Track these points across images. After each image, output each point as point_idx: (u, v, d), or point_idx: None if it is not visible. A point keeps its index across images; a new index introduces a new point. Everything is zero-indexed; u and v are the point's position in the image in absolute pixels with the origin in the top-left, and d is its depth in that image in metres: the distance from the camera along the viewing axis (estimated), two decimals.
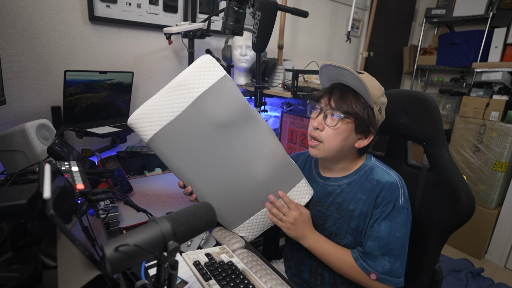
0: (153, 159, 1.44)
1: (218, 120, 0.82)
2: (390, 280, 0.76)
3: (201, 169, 0.84)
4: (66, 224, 0.45)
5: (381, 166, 0.87)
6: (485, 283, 2.01)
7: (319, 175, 0.95)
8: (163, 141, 0.80)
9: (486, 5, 2.56)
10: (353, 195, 0.85)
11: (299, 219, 0.86)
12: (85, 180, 0.74)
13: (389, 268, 0.76)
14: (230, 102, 0.84)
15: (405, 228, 0.79)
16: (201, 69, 0.81)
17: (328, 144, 0.82)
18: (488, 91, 2.30)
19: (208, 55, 0.84)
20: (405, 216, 0.79)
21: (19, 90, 1.27)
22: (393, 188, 0.80)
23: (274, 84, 1.71)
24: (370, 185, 0.83)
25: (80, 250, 0.41)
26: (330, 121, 0.82)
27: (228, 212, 0.89)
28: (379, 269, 0.77)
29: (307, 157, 1.03)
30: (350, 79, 0.81)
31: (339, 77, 0.84)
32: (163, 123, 0.79)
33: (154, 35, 1.57)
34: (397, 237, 0.77)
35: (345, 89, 0.83)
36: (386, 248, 0.77)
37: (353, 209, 0.84)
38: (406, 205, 0.80)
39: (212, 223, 0.50)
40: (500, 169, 2.19)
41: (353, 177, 0.88)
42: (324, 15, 2.35)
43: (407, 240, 0.80)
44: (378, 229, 0.78)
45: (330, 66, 0.82)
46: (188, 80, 0.80)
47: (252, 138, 0.87)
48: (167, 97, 0.80)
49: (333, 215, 0.88)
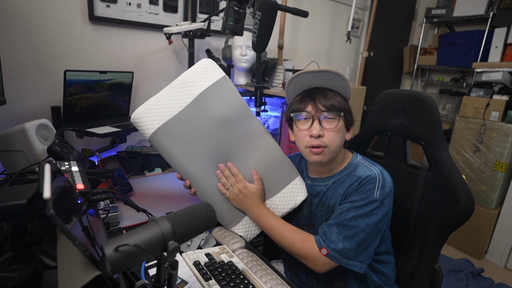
0: (153, 159, 1.44)
1: (219, 116, 0.87)
2: (338, 259, 0.77)
3: (201, 163, 0.87)
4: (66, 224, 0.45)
5: (364, 163, 0.88)
6: (485, 283, 2.01)
7: (308, 176, 0.98)
8: (165, 135, 0.84)
9: (486, 5, 2.56)
10: (334, 191, 0.88)
11: (243, 192, 0.89)
12: (85, 180, 0.74)
13: (341, 247, 0.76)
14: (230, 100, 0.89)
15: (373, 218, 0.78)
16: (203, 69, 0.88)
17: (333, 145, 0.83)
18: (488, 91, 2.30)
19: (208, 58, 0.91)
20: (374, 207, 0.78)
21: (19, 90, 1.27)
22: (370, 181, 0.81)
23: (274, 84, 1.71)
24: (351, 181, 0.85)
25: (80, 250, 0.41)
26: (328, 124, 0.83)
27: (226, 208, 0.91)
28: (331, 245, 0.77)
29: (300, 159, 1.04)
30: (328, 80, 0.84)
31: (313, 82, 0.86)
32: (166, 118, 0.84)
33: (154, 35, 1.57)
34: (358, 222, 0.77)
35: (324, 90, 0.85)
36: (345, 229, 0.78)
37: (333, 205, 0.87)
38: (381, 198, 0.79)
39: (212, 223, 0.50)
40: (500, 169, 2.19)
41: (338, 176, 0.89)
42: (324, 15, 2.35)
43: (372, 231, 0.78)
44: (346, 214, 0.79)
45: (305, 73, 0.84)
46: (191, 78, 0.87)
47: (249, 135, 0.91)
48: (170, 94, 0.85)
49: (319, 214, 0.91)
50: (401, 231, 0.97)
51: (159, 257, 0.42)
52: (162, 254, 0.42)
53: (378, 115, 1.03)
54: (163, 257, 0.42)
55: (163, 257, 0.42)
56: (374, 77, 2.81)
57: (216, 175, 0.89)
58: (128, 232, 0.43)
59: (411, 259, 0.95)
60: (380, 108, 1.02)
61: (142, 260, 0.43)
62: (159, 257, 0.42)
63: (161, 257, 0.42)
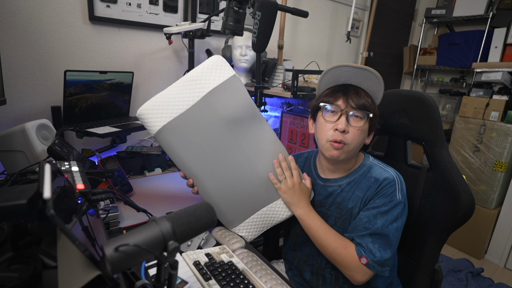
0: (153, 159, 1.44)
1: (227, 116, 0.85)
2: (376, 268, 0.77)
3: (207, 163, 0.85)
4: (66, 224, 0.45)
5: (379, 164, 0.88)
6: (485, 283, 2.02)
7: (319, 177, 0.96)
8: (171, 133, 0.82)
9: (486, 5, 2.56)
10: (352, 193, 0.86)
11: (298, 187, 0.88)
12: (85, 180, 0.74)
13: (379, 257, 0.77)
14: (239, 99, 0.87)
15: (399, 221, 0.80)
16: (213, 67, 0.85)
17: (353, 144, 0.83)
18: (488, 91, 2.30)
19: (219, 55, 0.88)
20: (400, 211, 0.80)
21: (19, 90, 1.27)
22: (390, 183, 0.81)
23: (274, 84, 1.71)
24: (368, 183, 0.84)
25: (80, 250, 0.41)
26: (354, 122, 0.82)
27: (229, 209, 0.90)
28: (370, 256, 0.77)
29: (306, 158, 1.03)
30: (364, 80, 0.83)
31: (349, 78, 0.85)
32: (173, 115, 0.82)
33: (154, 35, 1.57)
34: (389, 229, 0.78)
35: (358, 89, 0.84)
36: (378, 238, 0.78)
37: (352, 207, 0.85)
38: (403, 200, 0.81)
39: (212, 223, 0.50)
40: (500, 169, 2.19)
41: (352, 176, 0.88)
42: (324, 15, 2.35)
43: (399, 234, 0.81)
44: (374, 222, 0.79)
45: (346, 67, 0.82)
46: (200, 76, 0.84)
47: (257, 137, 0.89)
48: (178, 91, 0.83)
49: (333, 215, 0.89)
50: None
51: (159, 257, 0.42)
52: (162, 254, 0.42)
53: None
54: (163, 257, 0.42)
55: (163, 257, 0.42)
56: None
57: (273, 163, 0.89)
58: (128, 232, 0.43)
59: (411, 259, 0.95)
60: (380, 108, 1.02)
61: (142, 260, 0.43)
62: (159, 257, 0.42)
63: (161, 257, 0.42)
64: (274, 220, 0.93)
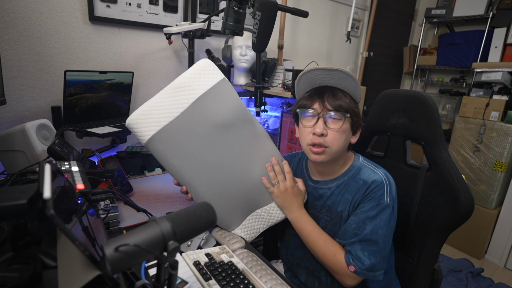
0: (153, 159, 1.44)
1: (218, 121, 0.83)
2: (366, 274, 0.77)
3: (199, 170, 0.84)
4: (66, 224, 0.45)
5: (368, 166, 0.88)
6: (485, 283, 2.02)
7: (310, 178, 0.96)
8: (162, 142, 0.80)
9: (486, 5, 2.56)
10: (341, 197, 0.86)
11: (290, 191, 0.88)
12: (85, 180, 0.74)
13: (368, 264, 0.77)
14: (230, 104, 0.85)
15: (388, 226, 0.80)
16: (201, 71, 0.83)
17: (335, 146, 0.82)
18: (488, 91, 2.30)
19: (207, 59, 0.86)
20: (388, 214, 0.79)
21: (19, 90, 1.27)
22: (378, 186, 0.81)
23: (274, 84, 1.71)
24: (357, 185, 0.84)
25: (80, 250, 0.41)
26: (332, 124, 0.82)
27: (224, 214, 0.89)
28: (358, 264, 0.77)
29: (299, 159, 1.03)
30: (339, 80, 0.82)
31: (324, 80, 0.85)
32: (162, 124, 0.79)
33: (154, 35, 1.57)
34: (379, 234, 0.78)
35: (334, 90, 0.84)
36: (368, 245, 0.78)
37: (341, 211, 0.86)
38: (391, 203, 0.80)
39: (212, 223, 0.50)
40: (500, 169, 2.19)
41: (342, 179, 0.88)
42: (324, 15, 2.35)
43: (389, 238, 0.81)
44: (363, 228, 0.79)
45: (317, 70, 0.82)
46: (188, 82, 0.81)
47: (249, 141, 0.88)
48: (166, 98, 0.80)
49: (324, 218, 0.89)
50: (401, 231, 0.97)
51: (159, 257, 0.42)
52: (162, 254, 0.42)
53: (378, 115, 1.03)
54: (163, 257, 0.42)
55: (163, 257, 0.42)
56: (374, 77, 2.81)
57: (265, 167, 0.89)
58: (128, 232, 0.43)
59: (411, 259, 0.95)
60: (380, 108, 1.02)
61: (142, 260, 0.43)
62: (159, 257, 0.42)
63: (161, 257, 0.42)
64: (270, 221, 0.94)
